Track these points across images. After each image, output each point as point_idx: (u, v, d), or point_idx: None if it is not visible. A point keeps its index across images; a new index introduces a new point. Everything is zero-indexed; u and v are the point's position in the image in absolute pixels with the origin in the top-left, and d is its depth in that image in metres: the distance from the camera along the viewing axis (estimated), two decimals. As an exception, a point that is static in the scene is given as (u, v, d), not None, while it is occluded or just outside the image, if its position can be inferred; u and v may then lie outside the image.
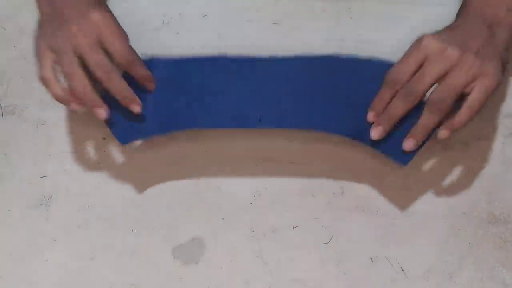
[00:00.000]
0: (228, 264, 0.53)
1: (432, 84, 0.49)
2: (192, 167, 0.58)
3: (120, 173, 0.57)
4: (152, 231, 0.54)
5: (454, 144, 0.58)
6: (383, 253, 0.53)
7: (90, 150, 0.59)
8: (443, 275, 0.52)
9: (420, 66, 0.49)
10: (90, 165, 0.58)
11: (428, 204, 0.55)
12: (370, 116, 0.52)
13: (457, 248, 0.53)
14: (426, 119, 0.49)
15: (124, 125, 0.54)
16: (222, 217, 0.55)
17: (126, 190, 0.56)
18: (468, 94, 0.49)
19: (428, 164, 0.57)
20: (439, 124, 0.50)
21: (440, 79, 0.49)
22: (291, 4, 0.68)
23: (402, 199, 0.56)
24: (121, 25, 0.54)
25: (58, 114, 0.61)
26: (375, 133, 0.51)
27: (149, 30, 0.66)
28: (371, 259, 0.53)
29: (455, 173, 0.57)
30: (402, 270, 0.52)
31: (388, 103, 0.51)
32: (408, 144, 0.50)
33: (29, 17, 0.68)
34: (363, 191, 0.56)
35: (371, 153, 0.56)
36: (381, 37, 0.65)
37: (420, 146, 0.51)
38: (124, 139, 0.54)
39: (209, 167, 0.58)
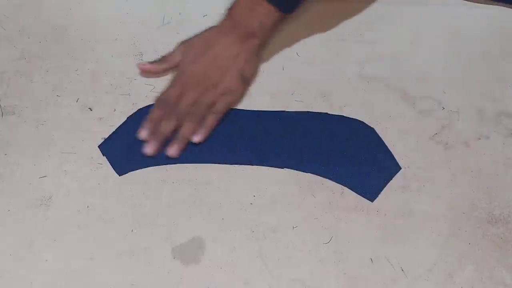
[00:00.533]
0: (228, 264, 0.53)
1: (191, 104, 0.57)
2: (192, 167, 0.58)
3: (120, 173, 0.57)
4: (152, 231, 0.54)
5: (454, 144, 0.58)
6: (383, 253, 0.53)
7: (90, 150, 0.59)
8: (443, 275, 0.52)
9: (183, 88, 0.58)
10: (90, 165, 0.58)
11: (428, 204, 0.55)
12: (143, 135, 0.57)
13: (457, 248, 0.53)
14: (184, 129, 0.57)
15: (122, 157, 0.58)
16: (222, 217, 0.55)
17: (126, 190, 0.56)
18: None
19: (428, 164, 0.57)
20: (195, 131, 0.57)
21: (194, 100, 0.57)
22: (291, 4, 0.67)
23: (402, 199, 0.56)
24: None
25: (58, 114, 0.61)
26: (149, 150, 0.56)
27: (150, 30, 0.66)
28: (371, 259, 0.53)
29: (455, 173, 0.57)
30: (402, 270, 0.52)
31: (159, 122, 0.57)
32: (172, 150, 0.56)
33: (29, 17, 0.68)
34: (363, 191, 0.56)
35: (371, 153, 0.56)
36: (381, 37, 0.65)
37: (384, 184, 0.56)
38: (121, 170, 0.58)
39: (209, 167, 0.58)
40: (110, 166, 0.58)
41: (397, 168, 0.57)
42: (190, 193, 0.56)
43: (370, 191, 0.56)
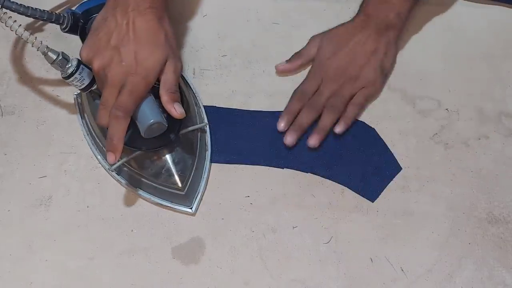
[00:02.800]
0: (228, 264, 0.53)
1: (329, 98, 0.58)
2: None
3: (120, 173, 0.57)
4: (152, 231, 0.54)
5: (454, 144, 0.58)
6: (383, 253, 0.53)
7: (90, 150, 0.58)
8: (443, 275, 0.52)
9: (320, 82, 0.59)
10: (90, 165, 0.58)
11: (428, 204, 0.55)
12: (281, 126, 0.57)
13: (457, 248, 0.53)
14: (324, 120, 0.57)
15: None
16: (222, 217, 0.55)
17: (126, 190, 0.56)
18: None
19: (428, 164, 0.57)
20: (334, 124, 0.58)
21: (334, 92, 0.58)
22: (291, 4, 0.68)
23: (402, 199, 0.56)
24: None
25: (58, 114, 0.61)
26: (290, 140, 0.57)
27: (149, 30, 0.66)
28: (371, 259, 0.53)
29: (455, 173, 0.57)
30: (402, 270, 0.52)
31: (296, 115, 0.58)
32: (313, 141, 0.56)
33: (29, 17, 0.68)
34: (363, 191, 0.56)
35: (371, 153, 0.56)
36: (381, 37, 0.65)
37: (385, 184, 0.56)
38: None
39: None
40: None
41: (398, 168, 0.57)
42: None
43: (371, 192, 0.56)
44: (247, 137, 0.59)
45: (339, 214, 0.55)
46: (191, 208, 0.54)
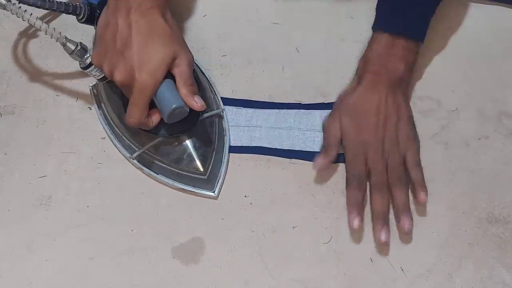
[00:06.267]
0: (228, 264, 0.53)
1: (386, 171, 0.54)
2: (192, 167, 0.58)
3: (120, 173, 0.57)
4: (152, 231, 0.54)
5: (454, 144, 0.58)
6: (383, 253, 0.53)
7: (90, 150, 0.59)
8: (443, 275, 0.52)
9: (365, 157, 0.54)
10: (90, 165, 0.58)
11: (428, 204, 0.55)
12: (356, 224, 0.52)
13: (457, 248, 0.53)
14: (400, 198, 0.53)
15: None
16: (222, 217, 0.55)
17: (126, 190, 0.56)
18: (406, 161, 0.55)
19: (428, 164, 0.57)
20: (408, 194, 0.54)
21: (385, 164, 0.54)
22: (291, 4, 0.68)
23: (402, 199, 0.56)
24: None
25: (58, 114, 0.61)
26: (385, 237, 0.52)
27: (149, 30, 0.66)
28: (371, 259, 0.53)
29: (455, 173, 0.57)
30: (402, 270, 0.52)
31: (362, 204, 0.53)
32: (407, 224, 0.52)
33: (29, 17, 0.68)
34: (363, 191, 0.56)
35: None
36: (381, 37, 0.65)
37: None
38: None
39: (209, 167, 0.58)
40: (110, 166, 0.57)
41: None
42: (190, 193, 0.56)
43: None
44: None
45: (339, 214, 0.55)
46: (213, 192, 0.55)
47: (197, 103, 0.51)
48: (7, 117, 0.61)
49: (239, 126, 0.59)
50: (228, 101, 0.61)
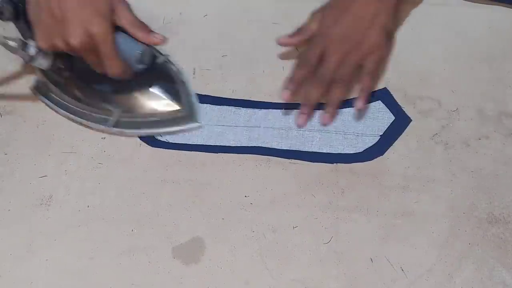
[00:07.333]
0: (228, 264, 0.53)
1: (336, 67, 0.55)
2: (192, 167, 0.58)
3: (120, 173, 0.57)
4: (152, 231, 0.54)
5: (454, 144, 0.58)
6: (383, 253, 0.53)
7: (90, 150, 0.59)
8: (443, 275, 0.52)
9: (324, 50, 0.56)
10: (90, 165, 0.58)
11: (428, 204, 0.55)
12: (285, 95, 0.56)
13: (457, 248, 0.53)
14: (334, 94, 0.56)
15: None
16: (222, 217, 0.55)
17: (126, 190, 0.56)
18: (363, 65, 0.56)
19: (428, 164, 0.57)
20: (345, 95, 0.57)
21: (339, 61, 0.55)
22: (291, 4, 0.68)
23: (402, 199, 0.56)
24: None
25: (58, 113, 0.61)
26: (302, 121, 0.58)
27: (149, 30, 0.66)
28: (371, 259, 0.53)
29: (455, 173, 0.57)
30: (402, 270, 0.52)
31: (300, 83, 0.56)
32: (327, 119, 0.58)
33: (29, 17, 0.68)
34: (363, 191, 0.56)
35: (371, 153, 0.56)
36: (381, 37, 0.65)
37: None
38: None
39: (209, 167, 0.58)
40: (110, 166, 0.58)
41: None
42: (190, 193, 0.56)
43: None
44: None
45: (339, 214, 0.55)
46: (199, 122, 0.58)
47: (156, 37, 0.54)
48: (7, 117, 0.61)
49: (238, 126, 0.60)
50: (228, 101, 0.61)
